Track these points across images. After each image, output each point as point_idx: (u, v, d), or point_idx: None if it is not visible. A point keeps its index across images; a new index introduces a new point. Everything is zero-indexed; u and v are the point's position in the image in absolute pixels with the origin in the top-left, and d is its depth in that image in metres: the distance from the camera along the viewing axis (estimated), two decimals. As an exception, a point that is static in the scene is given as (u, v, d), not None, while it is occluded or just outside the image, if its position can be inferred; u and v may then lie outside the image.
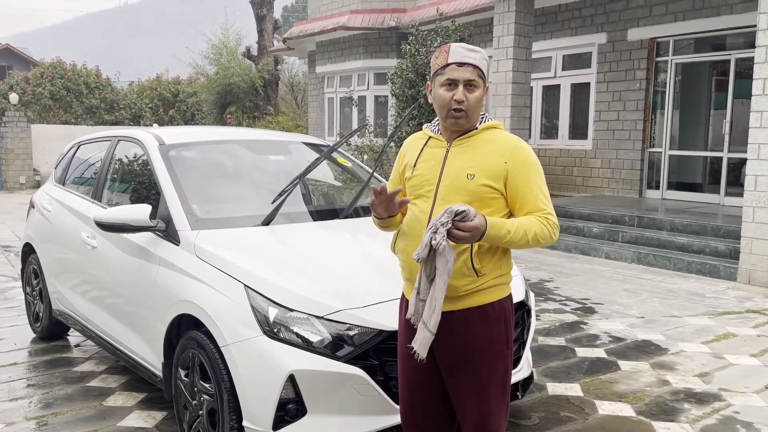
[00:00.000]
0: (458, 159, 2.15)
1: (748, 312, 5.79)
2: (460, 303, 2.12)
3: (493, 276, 2.14)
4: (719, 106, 9.94)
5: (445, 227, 1.94)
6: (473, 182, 2.10)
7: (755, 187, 6.71)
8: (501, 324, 2.16)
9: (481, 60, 2.13)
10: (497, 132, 2.19)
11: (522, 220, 2.09)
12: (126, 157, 4.24)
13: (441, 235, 1.93)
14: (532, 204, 2.12)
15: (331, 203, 4.63)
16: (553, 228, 2.11)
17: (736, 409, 3.71)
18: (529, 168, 2.13)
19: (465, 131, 2.17)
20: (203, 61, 23.79)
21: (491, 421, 2.19)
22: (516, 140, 2.18)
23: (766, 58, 6.56)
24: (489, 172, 2.10)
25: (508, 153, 2.12)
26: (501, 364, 2.18)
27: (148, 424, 3.49)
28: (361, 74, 15.27)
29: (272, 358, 2.62)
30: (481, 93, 2.13)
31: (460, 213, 1.94)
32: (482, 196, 2.10)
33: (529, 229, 2.07)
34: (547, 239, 2.11)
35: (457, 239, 1.96)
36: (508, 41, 9.49)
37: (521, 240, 2.06)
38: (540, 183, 2.15)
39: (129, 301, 3.58)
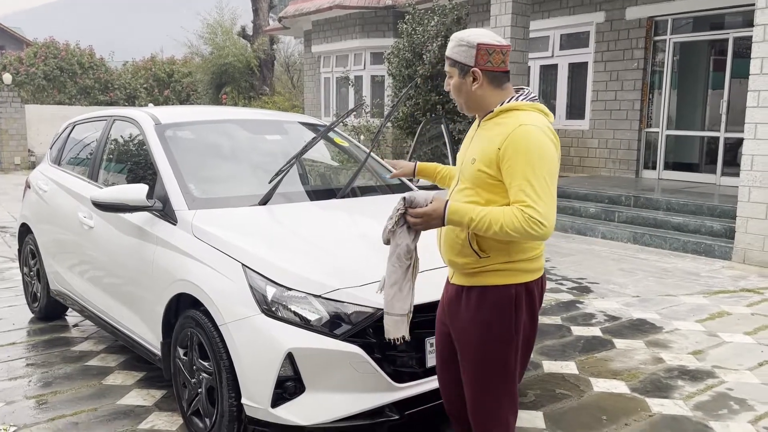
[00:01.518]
0: (476, 141, 2.18)
1: (742, 291, 5.83)
2: (468, 280, 2.16)
3: (499, 260, 2.10)
4: (717, 86, 9.91)
5: (399, 214, 2.07)
6: (474, 167, 2.11)
7: (751, 167, 6.72)
8: (504, 309, 2.11)
9: (453, 48, 2.16)
10: (513, 114, 2.09)
11: (494, 209, 2.00)
12: (122, 136, 4.22)
13: (391, 220, 2.09)
14: (514, 193, 2.00)
15: (328, 183, 4.62)
16: (529, 223, 1.92)
17: (730, 386, 3.75)
18: (518, 154, 1.99)
19: (485, 114, 2.18)
20: (198, 40, 23.61)
21: (485, 409, 2.19)
22: (518, 124, 2.03)
23: (764, 37, 6.53)
24: (485, 157, 2.09)
25: (503, 138, 2.03)
26: (502, 351, 2.13)
27: (148, 402, 3.52)
28: (357, 54, 15.16)
29: (270, 336, 2.64)
30: (455, 81, 2.17)
31: (407, 201, 2.06)
32: (482, 182, 2.09)
33: (496, 220, 1.96)
34: (521, 233, 1.94)
35: (412, 225, 2.08)
36: (506, 20, 9.41)
37: (487, 230, 1.98)
38: (528, 171, 1.97)
39: (127, 280, 3.58)
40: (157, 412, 3.39)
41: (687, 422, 3.29)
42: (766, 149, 6.56)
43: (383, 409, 2.69)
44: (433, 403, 2.81)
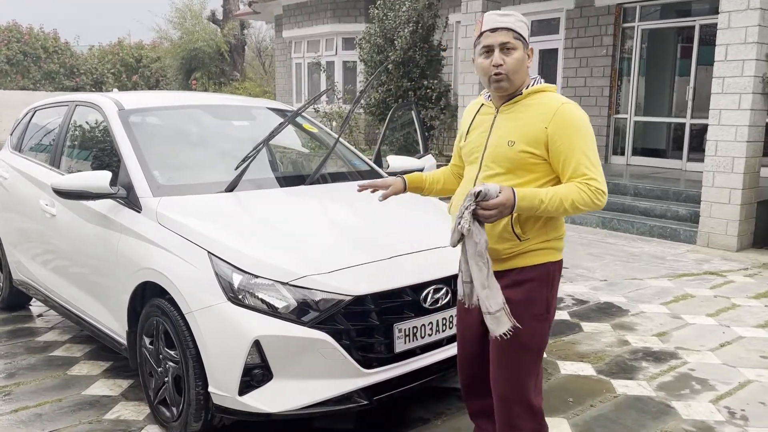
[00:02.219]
0: (503, 125, 2.15)
1: (705, 274, 5.96)
2: (504, 264, 2.16)
3: (537, 240, 2.14)
4: (683, 73, 10.06)
5: (469, 210, 1.95)
6: (513, 149, 2.09)
7: (715, 153, 6.85)
8: (542, 287, 2.17)
9: (516, 22, 2.11)
10: (545, 95, 2.15)
11: (559, 188, 2.05)
12: (85, 122, 4.12)
13: (465, 219, 1.95)
14: (573, 169, 2.06)
15: (297, 169, 4.59)
16: (595, 194, 2.05)
17: (692, 366, 3.84)
18: (571, 131, 2.07)
19: (511, 97, 2.16)
20: (167, 25, 23.16)
21: (517, 389, 2.20)
22: (560, 103, 2.10)
23: (728, 24, 6.63)
24: (529, 137, 2.08)
25: (549, 117, 2.07)
26: (539, 328, 2.19)
27: (114, 392, 3.47)
28: (329, 39, 15.03)
29: (237, 324, 2.61)
30: (520, 54, 2.11)
31: (478, 194, 1.94)
32: (524, 163, 2.09)
33: (566, 197, 2.02)
34: (589, 205, 2.05)
35: (485, 219, 1.97)
36: (477, 6, 9.40)
37: (558, 209, 2.03)
38: (584, 146, 2.07)
39: (91, 269, 3.52)
40: (123, 402, 3.35)
41: (650, 402, 3.37)
42: (730, 135, 6.70)
43: (352, 395, 2.69)
44: (402, 388, 2.82)
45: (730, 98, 6.68)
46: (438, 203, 3.88)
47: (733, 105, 6.66)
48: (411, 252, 3.01)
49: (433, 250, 3.09)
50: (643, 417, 3.21)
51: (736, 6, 6.54)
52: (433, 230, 3.36)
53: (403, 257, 2.96)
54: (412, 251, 3.01)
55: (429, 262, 3.00)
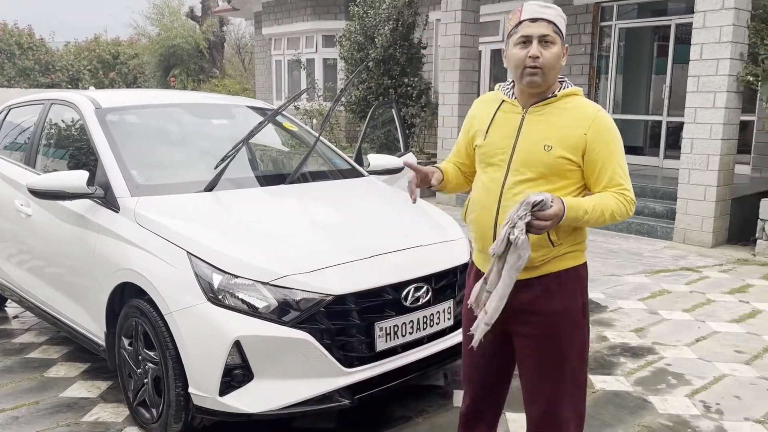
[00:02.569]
0: (535, 128, 2.03)
1: (682, 270, 6.06)
2: (536, 271, 2.05)
3: (568, 244, 2.06)
4: (660, 71, 10.20)
5: (524, 220, 1.83)
6: (550, 154, 1.99)
7: (691, 150, 6.95)
8: (576, 291, 2.09)
9: (557, 16, 2.01)
10: (577, 99, 2.06)
11: (599, 198, 1.99)
12: (61, 121, 4.07)
13: (519, 229, 1.83)
14: (609, 178, 2.00)
15: (277, 168, 4.57)
16: (630, 204, 2.01)
17: (668, 361, 3.91)
18: (609, 139, 2.01)
19: (543, 98, 2.05)
20: (144, 21, 22.89)
21: (564, 400, 2.09)
22: (597, 109, 2.04)
23: (703, 24, 6.73)
24: (567, 143, 1.98)
25: (588, 123, 1.99)
26: (578, 334, 2.09)
27: (92, 394, 3.44)
28: (309, 36, 14.96)
29: (217, 324, 2.60)
30: (558, 50, 2.00)
31: (539, 203, 1.83)
32: (559, 169, 2.00)
33: (606, 208, 1.97)
34: (624, 216, 2.02)
35: (539, 230, 1.87)
36: (456, 4, 9.43)
37: (598, 219, 1.97)
38: (619, 156, 2.02)
39: (68, 270, 3.48)
40: (102, 404, 3.31)
41: (628, 397, 3.41)
42: (705, 133, 6.80)
43: (333, 395, 2.69)
44: (383, 387, 2.83)
45: (705, 97, 6.78)
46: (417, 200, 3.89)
47: (708, 103, 6.77)
48: (391, 251, 3.01)
49: (413, 248, 3.10)
50: (621, 412, 3.26)
51: (711, 6, 6.64)
52: (415, 229, 3.38)
53: (384, 256, 2.96)
54: (392, 250, 3.02)
55: (409, 260, 3.01)
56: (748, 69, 6.67)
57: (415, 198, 2.21)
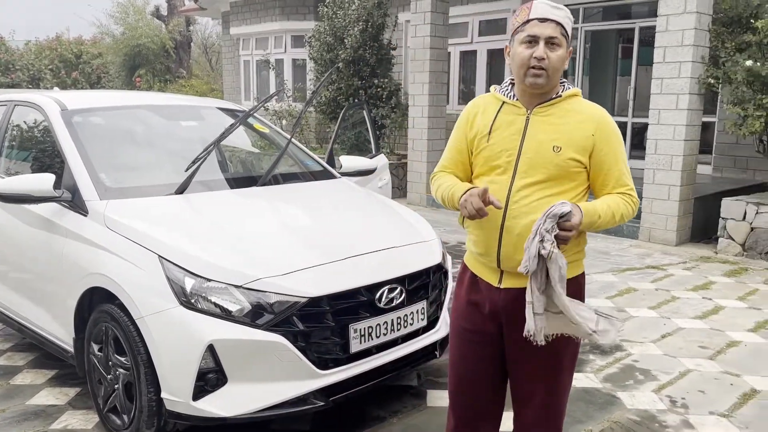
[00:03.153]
0: (541, 129, 1.99)
1: (647, 268, 6.19)
2: None
3: (571, 252, 2.03)
4: (625, 73, 10.40)
5: (552, 233, 1.79)
6: (560, 156, 1.95)
7: (655, 151, 7.12)
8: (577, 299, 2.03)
9: (565, 18, 1.97)
10: (579, 100, 2.05)
11: (608, 201, 1.99)
12: (24, 123, 3.98)
13: (550, 242, 1.78)
14: (617, 179, 2.00)
15: (248, 170, 4.54)
16: (635, 205, 2.03)
17: (636, 357, 3.99)
18: (615, 141, 2.01)
19: (547, 99, 2.01)
20: (108, 20, 22.43)
21: (558, 405, 2.12)
22: (601, 110, 2.03)
23: (666, 27, 6.90)
24: (576, 144, 1.96)
25: (595, 124, 1.98)
26: (572, 343, 2.08)
27: (60, 401, 3.37)
28: (278, 37, 14.87)
29: (190, 328, 2.58)
30: (563, 52, 1.97)
31: (566, 214, 1.79)
32: (567, 171, 1.97)
33: (617, 210, 1.98)
34: (630, 217, 2.03)
35: (565, 241, 1.83)
36: (426, 5, 9.48)
37: (609, 222, 1.97)
38: (624, 157, 2.03)
39: (34, 275, 3.40)
40: (70, 411, 3.25)
41: (597, 394, 3.48)
42: (669, 134, 6.97)
43: (308, 397, 2.70)
44: (358, 388, 2.85)
45: (669, 98, 6.95)
46: (389, 202, 3.91)
47: (671, 105, 6.94)
48: (365, 252, 3.03)
49: (387, 249, 3.12)
50: (590, 408, 3.32)
51: (673, 10, 6.81)
52: (387, 230, 3.40)
53: (358, 258, 2.97)
54: (366, 251, 3.03)
55: (383, 262, 3.03)
56: (710, 72, 6.85)
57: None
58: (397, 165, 10.69)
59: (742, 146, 8.36)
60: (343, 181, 4.06)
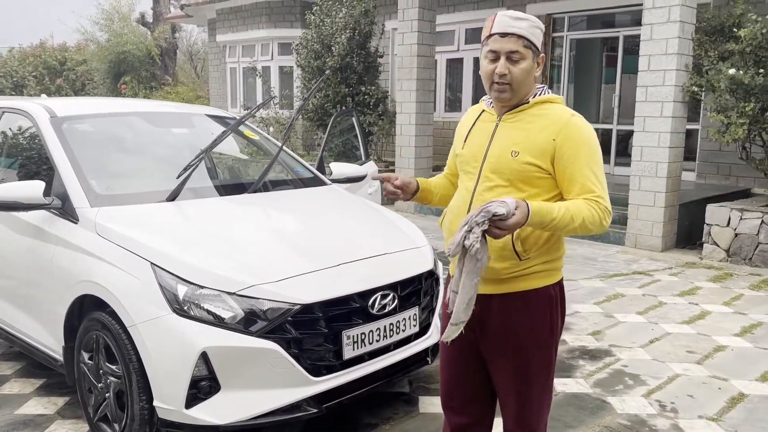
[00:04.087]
0: (506, 135, 2.00)
1: (634, 273, 6.25)
2: (501, 287, 2.00)
3: (539, 261, 1.99)
4: (609, 81, 10.53)
5: (481, 227, 1.78)
6: (517, 160, 1.95)
7: (641, 158, 7.20)
8: (546, 312, 2.03)
9: (529, 28, 1.95)
10: (552, 106, 2.02)
11: (569, 203, 1.92)
12: (11, 130, 3.94)
13: (475, 235, 1.78)
14: (580, 185, 1.94)
15: (239, 177, 4.53)
16: (603, 213, 1.93)
17: (625, 362, 4.03)
18: (579, 145, 1.95)
19: (516, 105, 2.01)
20: (93, 27, 22.32)
21: (531, 413, 2.09)
22: (569, 115, 1.99)
23: (650, 36, 7.00)
24: (535, 149, 1.94)
25: (558, 128, 1.95)
26: (545, 354, 2.06)
27: (49, 410, 3.33)
28: (264, 44, 14.88)
29: (183, 336, 2.57)
30: (528, 64, 1.95)
31: (498, 215, 1.78)
32: (527, 176, 1.95)
33: (577, 214, 1.89)
34: (597, 225, 1.92)
35: (495, 236, 1.82)
36: (413, 14, 9.55)
37: (567, 226, 1.89)
38: (591, 163, 1.96)
39: (23, 283, 3.37)
40: (59, 421, 3.22)
41: (588, 399, 3.51)
42: (654, 141, 7.06)
43: (301, 404, 2.69)
44: (351, 395, 2.84)
45: (653, 106, 7.04)
46: (379, 208, 3.93)
47: (656, 113, 7.03)
48: (357, 259, 3.03)
49: (379, 256, 3.13)
50: (581, 413, 3.34)
51: (657, 19, 6.91)
52: (379, 237, 3.41)
53: (350, 264, 2.98)
54: (358, 258, 3.04)
55: (376, 268, 3.04)
56: (693, 80, 6.96)
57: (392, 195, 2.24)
58: (385, 172, 10.72)
59: (726, 153, 8.48)
60: (334, 187, 4.07)
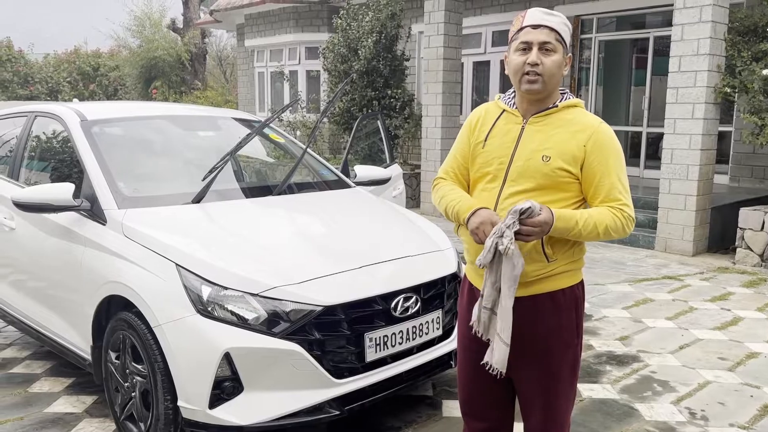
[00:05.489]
0: (534, 138, 1.98)
1: (664, 278, 6.14)
2: (530, 289, 1.99)
3: (565, 262, 2.01)
4: (639, 83, 10.36)
5: (512, 229, 1.78)
6: (548, 165, 1.94)
7: (671, 160, 7.07)
8: (572, 311, 2.04)
9: (560, 24, 1.97)
10: (578, 111, 2.02)
11: (593, 211, 1.94)
12: (44, 133, 4.04)
13: (508, 238, 1.77)
14: (607, 192, 1.96)
15: (264, 180, 4.57)
16: (627, 221, 1.96)
17: (653, 369, 3.95)
18: (608, 153, 1.96)
19: (544, 108, 2.01)
20: (125, 33, 22.75)
21: (558, 414, 2.08)
22: (598, 122, 2.00)
23: (681, 37, 6.87)
24: (566, 154, 1.94)
25: (588, 134, 1.95)
26: (570, 354, 2.05)
27: (77, 409, 3.39)
28: (292, 48, 15.00)
29: (207, 336, 2.59)
30: (559, 58, 1.96)
31: (526, 210, 1.78)
32: (557, 181, 1.95)
33: (600, 222, 1.92)
34: (620, 232, 1.96)
35: (527, 237, 1.83)
36: (439, 17, 9.52)
37: (591, 233, 1.91)
38: (619, 170, 1.98)
39: (53, 284, 3.44)
40: (88, 419, 3.27)
41: (615, 405, 3.45)
42: (685, 143, 6.92)
43: (323, 406, 2.69)
44: (373, 398, 2.84)
45: (684, 108, 6.91)
46: (403, 211, 3.92)
47: (687, 114, 6.89)
48: (380, 261, 3.03)
49: (402, 258, 3.12)
50: (608, 419, 3.29)
51: (688, 19, 6.79)
52: (403, 239, 3.40)
53: (373, 266, 2.98)
54: (381, 260, 3.04)
55: (399, 271, 3.03)
56: (726, 81, 6.81)
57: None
58: (411, 175, 10.70)
59: (760, 155, 8.28)
60: (358, 190, 4.07)
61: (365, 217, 3.70)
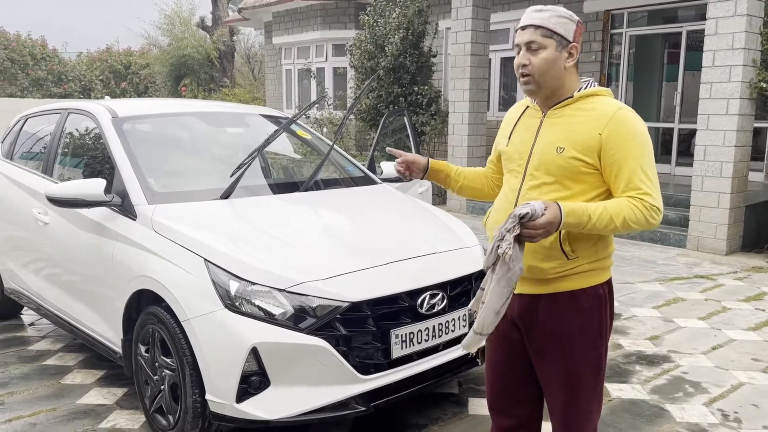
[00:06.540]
0: (550, 131, 1.96)
1: (696, 277, 6.02)
2: (549, 287, 1.95)
3: (587, 260, 1.94)
4: (671, 78, 10.17)
5: (512, 233, 1.76)
6: (562, 156, 1.90)
7: (704, 157, 6.92)
8: (594, 311, 1.97)
9: (551, 18, 1.91)
10: (599, 99, 1.95)
11: (609, 203, 1.86)
12: (77, 130, 4.11)
13: (507, 242, 1.76)
14: (626, 181, 1.86)
15: (291, 176, 4.59)
16: (650, 211, 1.85)
17: (685, 369, 3.88)
18: (627, 139, 1.86)
19: (559, 100, 1.97)
20: (155, 31, 23.09)
21: (579, 416, 2.03)
22: (617, 108, 1.91)
23: (716, 30, 6.72)
24: (580, 144, 1.89)
25: (604, 122, 1.88)
26: (592, 355, 1.99)
27: (108, 400, 3.45)
28: (319, 45, 15.05)
29: (234, 331, 2.61)
30: (548, 54, 1.90)
31: (525, 215, 1.76)
32: (574, 172, 1.90)
33: (617, 214, 1.83)
34: (642, 224, 1.86)
35: (530, 239, 1.79)
36: (467, 12, 9.46)
37: (607, 226, 1.83)
38: (640, 157, 1.87)
39: (85, 277, 3.50)
40: (118, 411, 3.33)
41: (644, 405, 3.39)
42: (719, 140, 6.77)
43: (349, 402, 2.69)
44: (398, 394, 2.83)
45: (718, 103, 6.76)
46: (429, 208, 3.90)
47: (721, 110, 6.74)
48: (407, 258, 3.02)
49: (428, 255, 3.11)
50: (637, 420, 3.23)
51: (723, 12, 6.63)
52: (429, 236, 3.38)
53: (400, 263, 2.97)
54: (408, 257, 3.03)
55: (425, 267, 3.02)
56: (762, 76, 6.64)
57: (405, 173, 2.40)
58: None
59: (797, 152, 8.06)
60: (384, 186, 4.07)
61: (391, 213, 3.69)
